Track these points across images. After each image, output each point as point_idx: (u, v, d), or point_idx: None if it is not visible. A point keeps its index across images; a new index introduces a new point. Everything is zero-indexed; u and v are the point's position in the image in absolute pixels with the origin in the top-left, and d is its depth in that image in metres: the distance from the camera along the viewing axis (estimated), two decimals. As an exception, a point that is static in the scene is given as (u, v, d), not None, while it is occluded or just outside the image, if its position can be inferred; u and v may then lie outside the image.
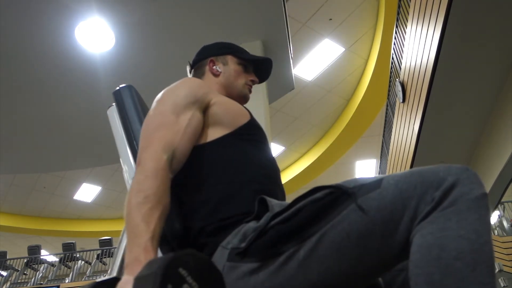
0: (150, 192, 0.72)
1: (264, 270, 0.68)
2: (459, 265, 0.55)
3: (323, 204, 0.68)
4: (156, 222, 0.69)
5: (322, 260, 0.65)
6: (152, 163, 0.76)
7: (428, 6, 3.56)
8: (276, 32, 3.88)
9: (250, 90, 1.12)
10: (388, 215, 0.62)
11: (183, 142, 0.84)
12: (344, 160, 9.15)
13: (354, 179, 0.69)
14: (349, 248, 0.64)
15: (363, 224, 0.63)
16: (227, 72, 1.08)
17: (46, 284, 8.10)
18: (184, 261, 0.53)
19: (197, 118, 0.89)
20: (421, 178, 0.62)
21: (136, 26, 3.73)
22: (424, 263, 0.57)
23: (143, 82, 3.95)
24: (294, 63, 4.95)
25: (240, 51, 1.12)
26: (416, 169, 0.65)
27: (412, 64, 4.28)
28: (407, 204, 0.61)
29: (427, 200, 0.60)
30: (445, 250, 0.56)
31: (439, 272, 0.56)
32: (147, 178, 0.74)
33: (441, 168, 0.62)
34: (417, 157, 4.86)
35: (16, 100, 4.35)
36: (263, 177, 0.89)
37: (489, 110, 4.40)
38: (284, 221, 0.69)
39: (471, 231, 0.57)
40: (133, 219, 0.69)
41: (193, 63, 1.13)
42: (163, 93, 0.93)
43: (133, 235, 0.67)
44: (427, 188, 0.61)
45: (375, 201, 0.64)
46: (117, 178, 9.23)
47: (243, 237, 0.73)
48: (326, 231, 0.65)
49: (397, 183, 0.64)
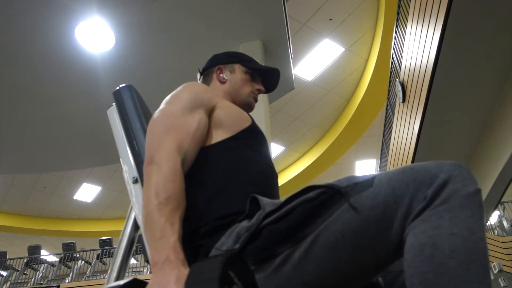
0: (171, 193, 0.73)
1: (260, 273, 0.68)
2: (452, 264, 0.54)
3: (315, 204, 0.67)
4: (179, 223, 0.71)
5: (318, 261, 0.65)
6: (169, 163, 0.77)
7: (428, 6, 3.56)
8: (276, 32, 3.88)
9: (255, 99, 1.13)
10: (382, 214, 0.62)
11: (193, 145, 0.85)
12: (344, 160, 9.15)
13: (347, 178, 0.69)
14: (344, 248, 0.64)
15: (356, 223, 0.63)
16: (233, 80, 1.10)
17: (46, 284, 8.10)
18: (231, 263, 0.56)
19: (204, 121, 0.90)
20: (413, 175, 0.62)
21: (136, 26, 3.73)
22: (417, 262, 0.56)
23: (143, 82, 3.95)
24: (294, 63, 4.95)
25: (248, 60, 1.14)
26: (409, 166, 0.65)
27: (412, 64, 4.28)
28: (400, 202, 0.61)
29: (419, 198, 0.60)
30: (438, 248, 0.56)
31: (432, 271, 0.55)
32: (166, 179, 0.74)
33: (433, 165, 0.62)
34: (417, 157, 4.86)
35: (16, 100, 4.35)
36: (261, 181, 0.90)
37: (489, 110, 4.40)
38: (276, 221, 0.69)
39: (464, 228, 0.56)
40: (156, 220, 0.69)
41: (203, 70, 1.16)
42: (170, 96, 0.94)
43: (158, 235, 0.68)
44: (420, 186, 0.60)
45: (368, 199, 0.63)
46: (117, 178, 9.23)
47: (237, 238, 0.73)
48: (320, 232, 0.65)
49: (389, 181, 0.63)
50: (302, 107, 7.93)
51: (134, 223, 0.92)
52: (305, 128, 8.57)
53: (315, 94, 7.75)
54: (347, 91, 7.85)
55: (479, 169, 5.03)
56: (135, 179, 0.90)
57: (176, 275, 0.62)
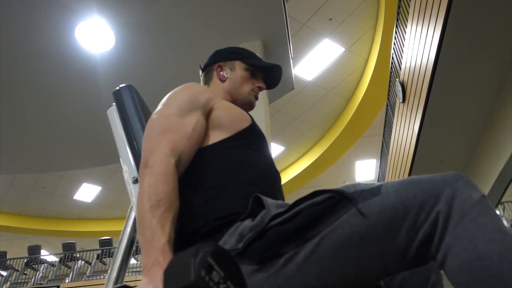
0: (162, 196, 0.73)
1: (262, 272, 0.68)
2: (506, 267, 0.56)
3: (323, 207, 0.68)
4: (171, 224, 0.71)
5: (322, 263, 0.65)
6: (162, 166, 0.77)
7: (428, 6, 3.56)
8: (276, 32, 3.87)
9: (256, 97, 1.12)
10: (389, 221, 0.63)
11: (189, 146, 0.85)
12: (344, 160, 9.15)
13: (353, 185, 0.70)
14: (349, 252, 0.64)
15: (364, 228, 0.64)
16: (233, 78, 1.09)
17: (46, 284, 8.10)
18: (211, 251, 0.57)
19: (201, 123, 0.90)
20: (420, 187, 0.64)
21: (136, 26, 3.73)
22: (476, 281, 0.57)
23: (143, 82, 3.95)
24: (294, 63, 4.95)
25: (250, 56, 1.13)
26: (415, 178, 0.67)
27: (412, 64, 4.28)
28: (408, 211, 0.63)
29: (426, 209, 0.62)
30: (486, 259, 0.57)
31: (494, 282, 0.56)
32: (158, 182, 0.75)
33: (437, 177, 0.65)
34: (417, 157, 4.86)
35: (16, 100, 4.35)
36: (261, 180, 0.89)
37: (489, 110, 4.40)
38: (283, 223, 0.69)
39: (494, 231, 0.58)
40: (148, 223, 0.70)
41: (204, 67, 1.15)
42: (167, 97, 0.94)
43: (149, 238, 0.68)
44: (427, 198, 0.62)
45: (376, 206, 0.64)
46: (117, 178, 9.23)
47: (240, 237, 0.73)
48: (326, 234, 0.66)
49: (397, 190, 0.65)
50: (302, 107, 7.93)
51: (134, 223, 0.91)
52: (305, 128, 8.56)
53: (315, 94, 7.75)
54: (347, 91, 7.85)
55: (479, 169, 5.02)
56: (135, 179, 0.90)
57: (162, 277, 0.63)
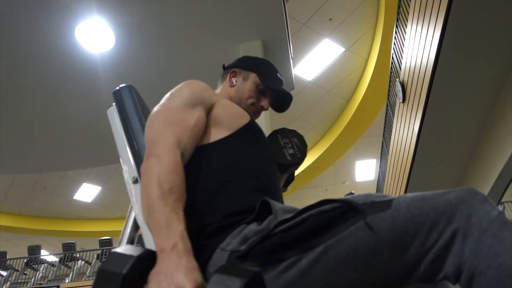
0: (173, 184, 0.73)
1: (263, 276, 0.68)
2: None
3: (330, 216, 0.67)
4: (183, 213, 0.70)
5: (325, 272, 0.65)
6: (170, 156, 0.77)
7: (428, 6, 3.56)
8: (276, 32, 3.87)
9: (255, 113, 1.12)
10: (398, 238, 0.62)
11: (190, 140, 0.86)
12: (344, 160, 9.15)
13: (364, 195, 0.68)
14: (354, 264, 0.64)
15: (371, 243, 0.63)
16: (241, 87, 1.10)
17: (46, 284, 8.09)
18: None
19: (203, 118, 0.91)
20: (433, 204, 0.62)
21: (136, 26, 3.73)
22: None
23: (143, 82, 3.95)
24: (294, 63, 4.95)
25: (267, 74, 1.12)
26: (428, 194, 0.65)
27: (412, 64, 4.28)
28: (418, 229, 0.61)
29: (439, 228, 0.60)
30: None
31: None
32: (169, 171, 0.74)
33: (452, 194, 0.62)
34: (417, 157, 4.85)
35: (16, 100, 4.35)
36: (262, 176, 0.90)
37: (489, 110, 4.40)
38: (289, 229, 0.69)
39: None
40: (160, 210, 0.69)
41: (226, 67, 1.17)
42: (170, 93, 0.95)
43: (164, 223, 0.67)
44: (441, 216, 0.60)
45: (385, 221, 0.63)
46: (117, 178, 9.23)
47: (243, 240, 0.73)
48: (332, 244, 0.65)
49: (408, 206, 0.63)
50: (302, 107, 7.93)
51: (134, 223, 0.91)
52: (305, 128, 8.56)
53: (315, 94, 7.75)
54: (347, 91, 7.85)
55: (479, 169, 5.03)
56: (135, 179, 0.90)
57: (185, 266, 0.61)
